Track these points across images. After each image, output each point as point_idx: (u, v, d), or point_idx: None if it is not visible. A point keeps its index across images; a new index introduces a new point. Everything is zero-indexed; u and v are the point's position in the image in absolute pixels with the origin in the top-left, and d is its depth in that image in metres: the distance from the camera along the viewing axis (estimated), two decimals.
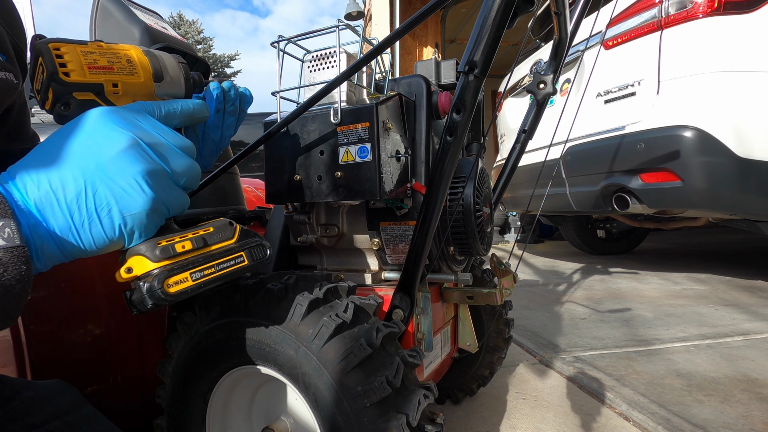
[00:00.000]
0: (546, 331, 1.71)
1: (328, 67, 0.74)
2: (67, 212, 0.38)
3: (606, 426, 1.02)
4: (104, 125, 0.41)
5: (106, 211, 0.39)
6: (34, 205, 0.37)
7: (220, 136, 0.64)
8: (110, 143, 0.40)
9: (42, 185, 0.37)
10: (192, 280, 0.45)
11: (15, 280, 0.33)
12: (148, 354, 0.91)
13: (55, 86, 0.45)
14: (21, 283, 0.34)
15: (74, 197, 0.38)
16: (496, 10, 0.55)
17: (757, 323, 1.68)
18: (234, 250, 0.49)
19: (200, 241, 0.47)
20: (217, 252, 0.48)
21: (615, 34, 2.29)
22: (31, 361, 0.78)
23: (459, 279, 0.82)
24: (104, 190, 0.39)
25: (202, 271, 0.46)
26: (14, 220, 0.34)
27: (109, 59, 0.49)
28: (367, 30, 5.50)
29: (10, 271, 0.33)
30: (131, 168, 0.40)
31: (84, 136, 0.40)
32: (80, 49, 0.47)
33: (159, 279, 0.42)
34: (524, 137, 1.05)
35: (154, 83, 0.52)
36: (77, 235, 0.38)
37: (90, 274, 0.85)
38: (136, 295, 0.43)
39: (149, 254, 0.43)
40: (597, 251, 3.81)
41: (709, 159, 1.89)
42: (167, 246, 0.44)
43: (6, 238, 0.33)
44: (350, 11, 6.14)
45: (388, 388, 0.53)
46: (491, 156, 5.99)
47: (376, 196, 0.68)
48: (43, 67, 0.46)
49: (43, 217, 0.37)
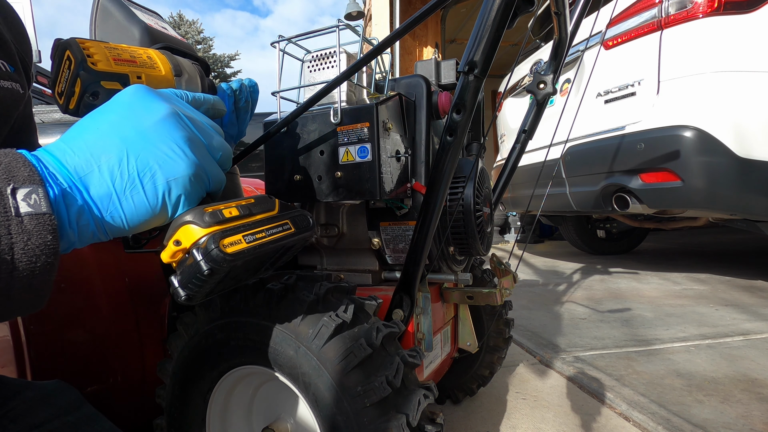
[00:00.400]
0: (546, 331, 1.71)
1: (328, 67, 0.74)
2: (108, 178, 0.36)
3: (606, 426, 1.02)
4: (142, 97, 0.40)
5: (149, 176, 0.37)
6: (73, 171, 0.35)
7: (237, 131, 0.71)
8: (150, 112, 0.39)
9: (81, 151, 0.36)
10: (246, 242, 0.43)
11: (39, 250, 0.31)
12: (148, 354, 0.91)
13: (84, 75, 0.46)
14: (46, 254, 0.32)
15: (116, 162, 0.36)
16: (496, 10, 0.55)
17: (757, 323, 1.68)
18: (279, 218, 0.49)
19: (245, 209, 0.46)
20: (262, 220, 0.47)
21: (615, 34, 2.29)
22: (31, 361, 0.78)
23: (459, 279, 0.81)
24: (146, 155, 0.37)
25: (254, 235, 0.44)
26: (42, 186, 0.32)
27: (131, 54, 0.51)
28: (367, 30, 5.50)
29: (34, 239, 0.31)
30: (172, 134, 0.39)
31: (123, 107, 0.40)
32: (104, 45, 0.50)
33: (214, 239, 0.40)
34: (524, 137, 1.05)
35: (174, 77, 0.54)
36: (119, 204, 0.37)
37: (90, 274, 0.85)
38: (187, 269, 0.40)
39: (198, 220, 0.41)
40: (597, 251, 3.81)
41: (709, 159, 1.89)
42: (215, 211, 0.42)
43: (32, 204, 0.31)
44: (350, 11, 6.13)
45: (388, 388, 0.53)
46: (491, 156, 5.99)
47: (376, 196, 0.68)
48: (71, 61, 0.47)
49: (83, 184, 0.35)
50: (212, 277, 0.40)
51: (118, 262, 0.89)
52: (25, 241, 0.31)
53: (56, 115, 2.01)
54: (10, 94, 0.53)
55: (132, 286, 0.91)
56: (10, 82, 0.53)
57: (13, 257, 0.30)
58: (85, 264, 0.84)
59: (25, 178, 0.32)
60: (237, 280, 0.49)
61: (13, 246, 0.30)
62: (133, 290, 0.91)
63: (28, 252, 0.31)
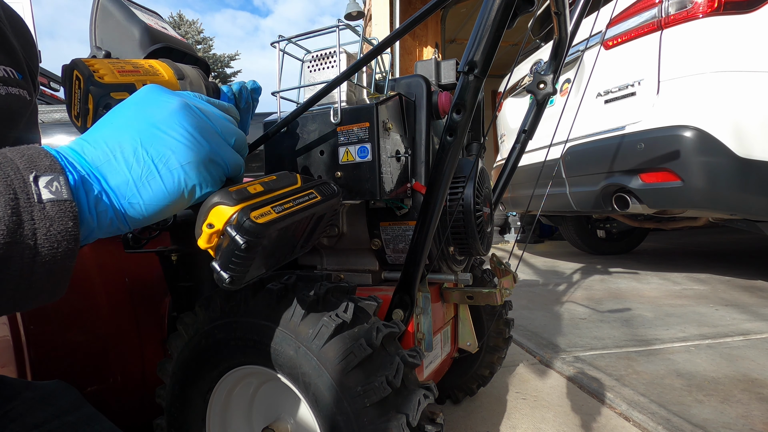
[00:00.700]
0: (546, 331, 1.71)
1: (328, 67, 0.74)
2: (124, 166, 0.38)
3: (606, 426, 1.02)
4: (155, 94, 0.42)
5: (163, 162, 0.39)
6: (91, 161, 0.37)
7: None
8: (162, 107, 0.41)
9: (98, 144, 0.38)
10: (275, 212, 0.44)
11: (61, 236, 0.32)
12: (148, 354, 0.91)
13: (94, 89, 0.49)
14: (67, 239, 0.33)
15: (131, 152, 0.38)
16: (496, 10, 0.55)
17: (757, 323, 1.68)
18: (303, 189, 0.50)
19: (269, 185, 0.47)
20: (288, 192, 0.49)
21: (615, 34, 2.29)
22: (31, 361, 0.78)
23: (459, 279, 0.81)
24: (160, 143, 0.39)
25: (282, 206, 0.45)
26: (63, 175, 0.34)
27: (133, 65, 0.54)
28: (367, 30, 5.50)
29: (56, 225, 0.32)
30: (183, 123, 0.41)
31: (136, 104, 0.41)
32: (107, 61, 0.53)
33: (244, 213, 0.41)
34: (524, 137, 1.05)
35: (178, 81, 0.57)
36: (136, 191, 0.38)
37: (90, 274, 0.85)
38: (225, 250, 0.41)
39: (226, 200, 0.42)
40: (597, 251, 3.81)
41: (709, 159, 1.89)
42: (240, 189, 0.43)
43: (54, 191, 0.32)
44: (350, 11, 6.13)
45: (388, 388, 0.53)
46: (491, 156, 5.99)
47: (376, 196, 0.68)
48: (80, 80, 0.50)
49: (101, 173, 0.37)
50: (250, 252, 0.41)
51: (118, 262, 0.89)
52: (47, 227, 0.32)
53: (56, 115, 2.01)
54: (17, 100, 0.55)
55: (132, 286, 0.91)
56: (18, 89, 0.55)
57: (35, 242, 0.31)
58: (85, 264, 0.84)
59: (47, 167, 0.33)
60: (275, 259, 0.49)
61: (36, 231, 0.31)
62: (133, 290, 0.91)
63: (50, 238, 0.32)
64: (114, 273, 0.88)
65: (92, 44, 0.67)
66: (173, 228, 0.81)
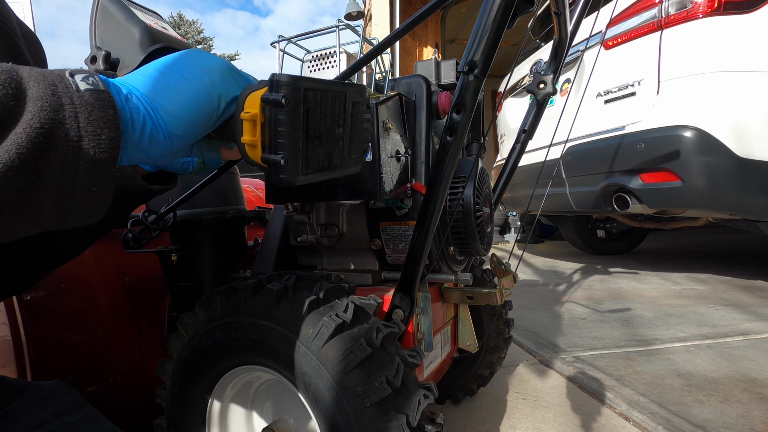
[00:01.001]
0: (546, 331, 1.71)
1: (328, 67, 0.74)
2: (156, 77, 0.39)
3: (606, 426, 1.03)
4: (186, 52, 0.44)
5: (189, 70, 0.41)
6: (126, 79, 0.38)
7: None
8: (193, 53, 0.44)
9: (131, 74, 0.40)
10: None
11: (103, 122, 0.32)
12: (148, 354, 0.91)
13: None
14: (109, 127, 0.33)
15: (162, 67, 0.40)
16: (496, 10, 0.55)
17: (757, 323, 1.68)
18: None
19: None
20: None
21: (615, 34, 2.29)
22: (31, 361, 0.78)
23: (459, 279, 0.81)
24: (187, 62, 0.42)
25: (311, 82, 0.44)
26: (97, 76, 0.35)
27: None
28: (367, 30, 5.50)
29: (97, 111, 0.32)
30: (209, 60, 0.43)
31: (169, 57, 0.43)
32: None
33: (281, 79, 0.41)
34: (524, 137, 1.05)
35: None
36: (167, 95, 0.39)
37: (90, 274, 0.85)
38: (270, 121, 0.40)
39: (255, 87, 0.42)
40: (597, 251, 3.81)
41: (709, 159, 1.89)
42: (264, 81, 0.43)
43: (90, 83, 0.33)
44: (350, 11, 6.13)
45: (388, 388, 0.53)
46: (491, 156, 5.99)
47: (376, 196, 0.68)
48: None
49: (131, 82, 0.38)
50: (293, 109, 0.40)
51: (118, 262, 0.89)
52: (89, 112, 0.32)
53: None
54: None
55: (132, 286, 0.91)
56: None
57: (78, 125, 0.31)
58: (85, 264, 0.84)
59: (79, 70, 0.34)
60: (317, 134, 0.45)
61: (78, 115, 0.31)
62: (133, 290, 0.91)
63: (93, 123, 0.32)
64: (114, 273, 0.88)
65: (92, 44, 0.67)
66: (173, 228, 0.81)
